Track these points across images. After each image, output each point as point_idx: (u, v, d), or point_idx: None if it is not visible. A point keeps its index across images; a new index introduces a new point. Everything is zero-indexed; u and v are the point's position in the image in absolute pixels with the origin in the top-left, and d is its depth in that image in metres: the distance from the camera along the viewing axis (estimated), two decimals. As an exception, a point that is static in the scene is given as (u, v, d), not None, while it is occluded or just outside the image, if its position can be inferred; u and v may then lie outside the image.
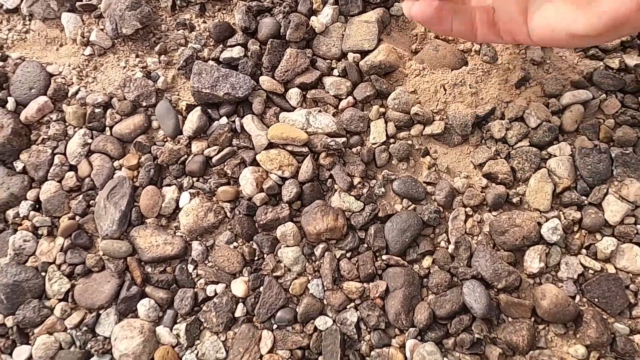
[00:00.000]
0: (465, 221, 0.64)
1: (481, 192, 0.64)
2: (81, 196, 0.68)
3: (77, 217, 0.68)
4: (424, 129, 0.66)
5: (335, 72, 0.71)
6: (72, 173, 0.70)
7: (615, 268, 0.60)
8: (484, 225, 0.64)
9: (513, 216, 0.61)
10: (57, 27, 0.79)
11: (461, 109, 0.65)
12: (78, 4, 0.77)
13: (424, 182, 0.66)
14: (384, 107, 0.68)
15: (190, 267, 0.65)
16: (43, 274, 0.66)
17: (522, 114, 0.66)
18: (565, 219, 0.62)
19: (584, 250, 0.61)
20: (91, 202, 0.69)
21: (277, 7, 0.74)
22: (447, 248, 0.63)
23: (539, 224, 0.62)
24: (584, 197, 0.63)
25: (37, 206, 0.69)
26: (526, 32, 0.46)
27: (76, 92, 0.74)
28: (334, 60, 0.72)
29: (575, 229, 0.62)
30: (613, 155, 0.63)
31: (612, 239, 0.60)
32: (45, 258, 0.66)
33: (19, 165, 0.71)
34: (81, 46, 0.77)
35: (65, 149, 0.71)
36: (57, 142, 0.72)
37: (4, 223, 0.69)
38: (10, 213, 0.69)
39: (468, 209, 0.64)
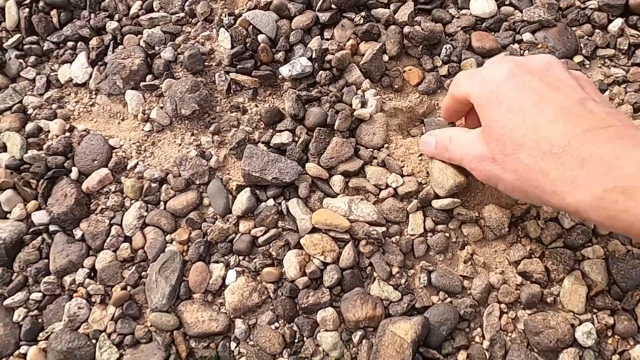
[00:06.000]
0: (499, 317, 0.66)
1: (516, 289, 0.67)
2: (134, 267, 0.73)
3: (129, 288, 0.72)
4: (461, 225, 0.70)
5: (375, 162, 0.76)
6: (126, 244, 0.74)
7: (649, 377, 0.61)
8: (518, 322, 0.66)
9: (548, 317, 0.63)
10: (121, 102, 0.86)
11: (497, 210, 0.68)
12: (142, 83, 0.84)
13: (461, 275, 0.68)
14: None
15: (233, 345, 0.68)
16: (94, 341, 0.70)
17: (557, 214, 0.69)
18: (598, 322, 0.64)
19: (616, 356, 0.63)
20: (143, 273, 0.73)
21: (324, 96, 0.80)
22: (482, 344, 0.65)
23: (573, 326, 0.63)
24: (617, 302, 0.64)
25: (92, 274, 0.74)
26: None
27: (135, 166, 0.80)
28: (375, 150, 0.77)
29: (609, 333, 0.64)
30: (646, 261, 0.65)
31: (646, 347, 0.62)
32: (97, 326, 0.70)
33: (78, 234, 0.76)
34: (141, 122, 0.83)
35: (121, 220, 0.76)
36: (114, 212, 0.77)
37: (61, 289, 0.74)
38: (67, 279, 0.73)
39: (503, 305, 0.66)
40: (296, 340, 0.68)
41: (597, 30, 0.82)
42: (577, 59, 0.80)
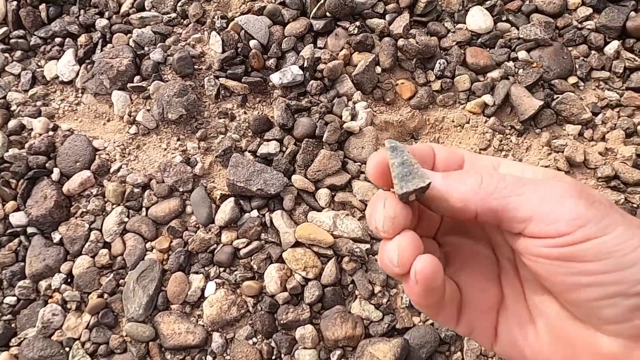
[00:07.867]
0: (480, 342, 0.65)
1: (498, 313, 0.66)
2: (112, 275, 0.71)
3: (106, 296, 0.71)
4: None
5: (362, 177, 0.74)
6: (105, 250, 0.73)
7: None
8: (498, 347, 0.65)
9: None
10: (107, 102, 0.84)
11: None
12: (129, 84, 0.82)
13: (443, 297, 0.67)
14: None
15: (209, 359, 0.67)
16: (67, 349, 0.68)
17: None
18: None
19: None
20: (121, 281, 0.72)
21: (314, 106, 0.78)
22: (461, 368, 0.64)
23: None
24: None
25: (69, 280, 0.72)
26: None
27: (118, 169, 0.78)
28: (363, 165, 0.76)
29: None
30: None
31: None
32: (71, 334, 0.69)
33: (56, 237, 0.74)
34: (127, 124, 0.81)
35: (101, 226, 0.74)
36: (94, 217, 0.75)
37: (36, 293, 0.72)
38: (43, 284, 0.72)
39: (484, 329, 0.66)
40: (273, 357, 0.67)
41: (593, 52, 0.81)
42: (572, 80, 0.79)
